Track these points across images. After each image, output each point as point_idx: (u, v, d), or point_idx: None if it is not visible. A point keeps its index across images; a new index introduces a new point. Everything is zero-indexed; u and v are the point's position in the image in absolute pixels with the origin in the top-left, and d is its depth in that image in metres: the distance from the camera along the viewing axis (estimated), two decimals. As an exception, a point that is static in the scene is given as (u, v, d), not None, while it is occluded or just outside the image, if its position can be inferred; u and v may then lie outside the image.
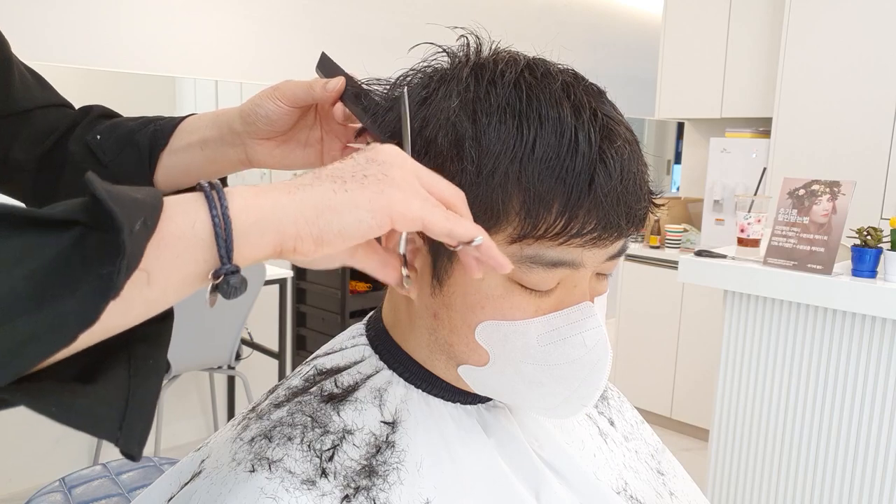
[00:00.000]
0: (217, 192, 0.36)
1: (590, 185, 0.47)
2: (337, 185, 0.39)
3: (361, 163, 0.41)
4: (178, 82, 2.99)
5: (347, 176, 0.39)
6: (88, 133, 0.67)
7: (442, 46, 0.54)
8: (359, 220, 0.38)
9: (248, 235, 0.36)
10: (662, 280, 3.30)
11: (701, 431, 3.15)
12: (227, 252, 0.36)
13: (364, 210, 0.38)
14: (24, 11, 2.50)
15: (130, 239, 0.31)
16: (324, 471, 0.51)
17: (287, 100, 0.58)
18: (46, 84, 0.70)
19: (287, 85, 0.58)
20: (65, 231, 0.32)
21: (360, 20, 3.46)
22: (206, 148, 0.64)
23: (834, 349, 1.82)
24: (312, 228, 0.38)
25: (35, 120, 0.67)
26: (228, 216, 0.36)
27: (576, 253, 0.49)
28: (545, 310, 0.51)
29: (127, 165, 0.65)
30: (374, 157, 0.41)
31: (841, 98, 2.81)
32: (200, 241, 0.35)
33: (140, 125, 0.66)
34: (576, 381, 0.52)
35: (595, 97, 0.50)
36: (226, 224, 0.36)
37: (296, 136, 0.62)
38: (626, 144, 0.49)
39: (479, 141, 0.47)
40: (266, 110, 0.59)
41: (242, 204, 0.37)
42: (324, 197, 0.38)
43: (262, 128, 0.60)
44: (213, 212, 0.36)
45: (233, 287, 0.36)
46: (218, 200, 0.36)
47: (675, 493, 0.71)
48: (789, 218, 1.83)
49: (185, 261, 0.35)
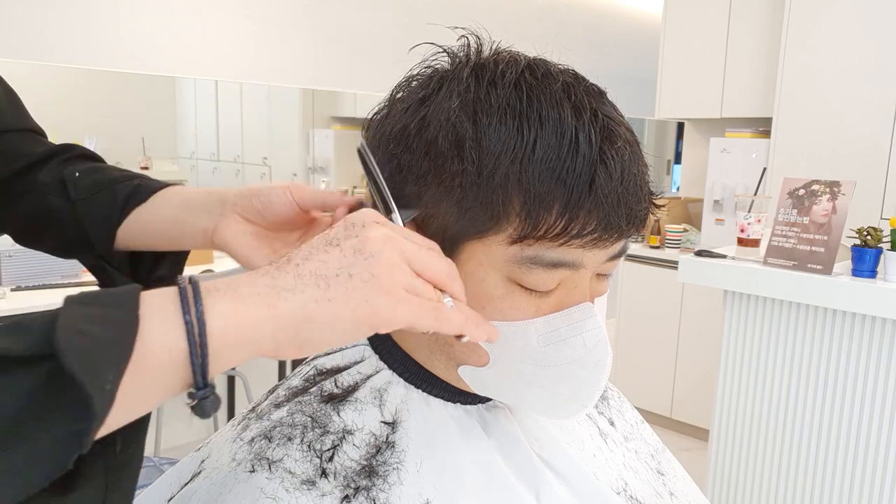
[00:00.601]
0: (196, 307, 0.34)
1: (590, 186, 0.47)
2: (320, 292, 0.37)
3: (348, 255, 0.39)
4: (178, 82, 2.99)
5: (331, 276, 0.38)
6: (65, 167, 0.65)
7: (442, 46, 0.54)
8: (342, 332, 0.38)
9: (224, 356, 0.35)
10: (662, 280, 3.30)
11: (701, 431, 3.15)
12: (203, 379, 0.35)
13: (348, 322, 0.38)
14: (24, 11, 2.50)
15: (101, 401, 0.30)
16: (324, 471, 0.51)
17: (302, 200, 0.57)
18: (20, 106, 0.68)
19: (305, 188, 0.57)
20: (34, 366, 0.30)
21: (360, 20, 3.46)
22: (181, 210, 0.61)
23: (834, 349, 1.82)
24: (293, 342, 0.37)
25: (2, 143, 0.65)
26: (206, 343, 0.34)
27: (576, 254, 0.49)
28: (545, 310, 0.51)
29: (96, 209, 0.63)
30: (362, 248, 0.39)
31: (841, 98, 2.81)
32: (175, 365, 0.34)
33: (125, 177, 0.64)
34: (576, 381, 0.52)
35: (595, 98, 0.50)
36: (203, 352, 0.34)
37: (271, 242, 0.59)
38: (627, 145, 0.49)
39: (480, 142, 0.47)
40: (269, 198, 0.57)
41: (222, 327, 0.35)
42: (305, 309, 0.37)
43: (258, 208, 0.57)
44: (189, 338, 0.34)
45: (205, 411, 0.36)
46: (196, 322, 0.34)
47: (675, 493, 0.71)
48: (789, 218, 1.83)
49: (159, 385, 0.34)
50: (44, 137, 0.69)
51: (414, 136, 0.50)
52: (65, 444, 0.31)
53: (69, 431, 0.30)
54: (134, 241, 0.63)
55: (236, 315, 0.35)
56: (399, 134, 0.50)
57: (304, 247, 0.40)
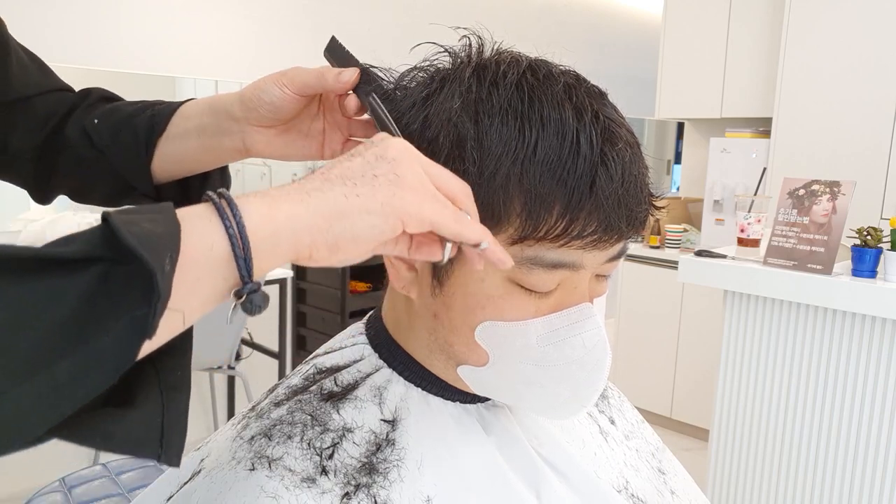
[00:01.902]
0: (230, 207, 0.35)
1: (591, 188, 0.47)
2: (348, 189, 0.38)
3: (371, 160, 0.40)
4: (178, 82, 2.99)
5: (357, 176, 0.39)
6: (86, 117, 0.65)
7: (444, 46, 0.54)
8: (371, 226, 0.38)
9: (264, 250, 0.36)
10: (662, 280, 3.30)
11: (701, 431, 3.15)
12: (248, 271, 0.35)
13: (376, 215, 0.38)
14: (24, 11, 2.50)
15: (162, 279, 0.31)
16: (324, 469, 0.51)
17: (295, 87, 0.56)
18: (46, 69, 0.68)
19: (296, 71, 0.56)
20: (85, 269, 0.31)
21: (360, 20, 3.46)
22: (202, 135, 0.61)
23: (834, 349, 1.82)
24: (327, 236, 0.38)
25: (35, 107, 0.65)
26: (246, 235, 0.35)
27: (576, 255, 0.49)
28: (545, 311, 0.51)
29: (123, 151, 0.63)
30: (384, 154, 0.40)
31: (841, 98, 2.81)
32: (219, 262, 0.35)
33: (138, 110, 0.64)
34: (575, 381, 0.52)
35: (597, 99, 0.50)
36: (244, 244, 0.35)
37: (297, 126, 0.60)
38: (628, 147, 0.49)
39: (481, 142, 0.47)
40: (271, 96, 0.56)
41: (258, 219, 0.36)
42: (336, 203, 0.38)
43: (264, 114, 0.58)
44: (229, 231, 0.35)
45: (256, 305, 0.36)
46: (233, 218, 0.35)
47: (676, 491, 0.71)
48: (789, 218, 1.83)
49: (205, 283, 0.35)
50: (71, 92, 0.69)
51: (415, 135, 0.50)
52: (130, 331, 0.31)
53: (132, 318, 0.31)
54: (173, 172, 0.64)
55: (270, 210, 0.36)
56: (401, 132, 0.51)
57: (329, 162, 0.41)
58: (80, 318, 0.30)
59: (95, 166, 0.65)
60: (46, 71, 0.68)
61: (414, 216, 0.39)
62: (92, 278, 0.31)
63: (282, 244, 0.37)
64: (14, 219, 2.51)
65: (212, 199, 0.36)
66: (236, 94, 0.59)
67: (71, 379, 0.30)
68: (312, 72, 0.56)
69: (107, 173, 0.65)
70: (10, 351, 0.29)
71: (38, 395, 0.29)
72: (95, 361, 0.30)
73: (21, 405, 0.29)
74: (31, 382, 0.29)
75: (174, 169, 0.64)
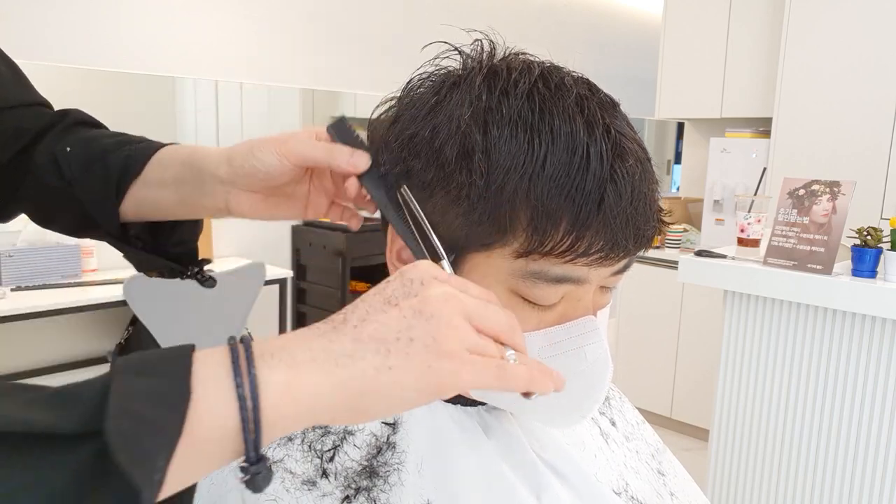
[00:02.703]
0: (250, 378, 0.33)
1: (599, 205, 0.46)
2: (380, 359, 0.35)
3: (408, 317, 0.37)
4: (178, 82, 2.99)
5: (391, 340, 0.36)
6: (59, 143, 0.61)
7: (455, 47, 0.53)
8: (403, 400, 0.36)
9: (276, 428, 0.34)
10: (662, 280, 3.30)
11: (701, 431, 3.15)
12: (256, 453, 0.33)
13: (411, 391, 0.36)
14: (24, 11, 2.50)
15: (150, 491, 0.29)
16: (324, 471, 0.51)
17: (295, 159, 0.52)
18: (23, 79, 0.64)
19: (296, 142, 0.52)
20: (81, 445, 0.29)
21: (360, 20, 3.45)
22: (180, 189, 0.58)
23: (834, 349, 1.82)
24: (351, 412, 0.35)
25: (5, 121, 0.61)
26: (259, 419, 0.32)
27: (581, 271, 0.49)
28: (548, 323, 0.51)
29: (92, 187, 0.59)
30: (422, 310, 0.37)
31: (841, 98, 2.81)
32: (228, 438, 0.32)
33: (115, 144, 0.61)
34: (576, 393, 0.52)
35: (608, 111, 0.49)
36: (256, 427, 0.32)
37: (282, 189, 0.57)
38: (638, 163, 0.49)
39: (489, 154, 0.47)
40: (267, 165, 0.53)
41: (277, 396, 0.33)
42: (365, 378, 0.35)
43: (254, 182, 0.54)
44: (242, 415, 0.32)
45: (259, 486, 0.34)
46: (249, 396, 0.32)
47: (676, 493, 0.71)
48: (789, 218, 1.83)
49: (210, 458, 0.33)
50: (49, 109, 0.65)
51: (423, 143, 0.49)
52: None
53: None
54: (143, 216, 0.61)
55: (291, 388, 0.34)
56: (409, 139, 0.50)
57: (361, 305, 0.38)
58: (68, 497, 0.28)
59: (61, 196, 0.61)
60: (24, 82, 0.64)
61: (453, 387, 0.36)
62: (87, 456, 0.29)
63: (299, 422, 0.34)
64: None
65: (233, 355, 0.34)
66: (223, 155, 0.56)
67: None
68: (319, 147, 0.52)
69: (71, 204, 0.61)
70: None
71: None
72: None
73: None
74: None
75: (145, 214, 0.61)
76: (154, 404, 0.31)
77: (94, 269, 2.67)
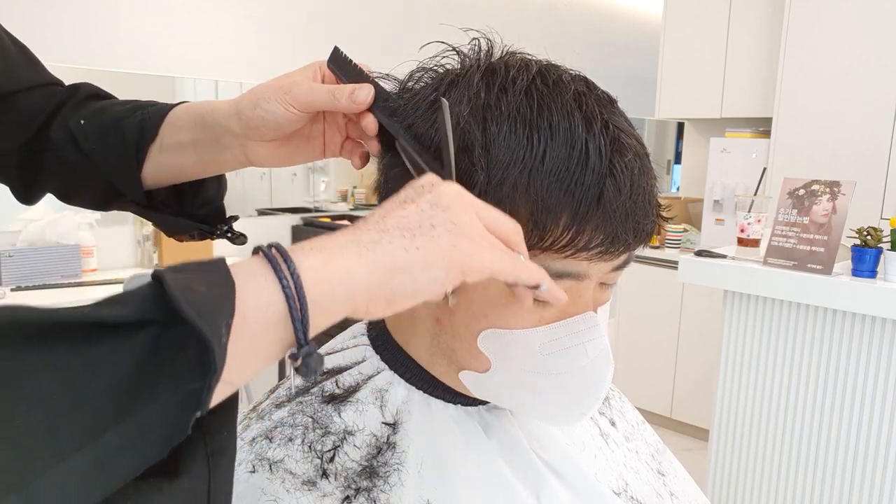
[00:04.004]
0: (287, 264, 0.34)
1: (598, 200, 0.47)
2: (407, 241, 0.37)
3: (426, 209, 0.39)
4: (178, 82, 2.99)
5: (415, 227, 0.38)
6: (72, 117, 0.62)
7: (454, 46, 0.53)
8: (432, 279, 0.37)
9: (320, 309, 0.34)
10: (662, 280, 3.30)
11: (701, 431, 3.15)
12: (304, 334, 0.34)
13: (437, 268, 0.37)
14: (24, 11, 2.50)
15: (220, 352, 0.30)
16: (324, 472, 0.51)
17: (301, 105, 0.53)
18: (34, 60, 0.64)
19: (300, 89, 0.53)
20: (136, 333, 0.29)
21: (360, 20, 3.45)
22: (198, 149, 0.59)
23: (834, 349, 1.82)
24: (385, 291, 0.36)
25: (20, 103, 0.62)
26: (304, 294, 0.33)
27: (582, 265, 0.49)
28: (548, 319, 0.51)
29: (110, 155, 0.60)
30: (438, 202, 0.39)
31: (841, 98, 2.81)
32: (274, 323, 0.33)
33: (127, 111, 0.61)
34: (577, 390, 0.52)
35: (607, 107, 0.50)
36: (301, 304, 0.33)
37: (299, 133, 0.58)
38: (637, 158, 0.49)
39: (489, 150, 0.47)
40: (274, 115, 0.54)
41: (314, 277, 0.34)
42: (395, 257, 0.36)
43: (267, 133, 0.55)
44: (286, 291, 0.33)
45: (312, 370, 0.34)
46: (290, 276, 0.33)
47: (676, 493, 0.71)
48: (789, 218, 1.83)
49: (259, 347, 0.33)
50: (60, 86, 0.66)
51: (423, 138, 0.49)
52: (182, 406, 0.30)
53: (185, 392, 0.29)
54: (167, 180, 0.62)
55: (327, 266, 0.35)
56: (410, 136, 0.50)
57: (378, 210, 0.40)
58: (130, 388, 0.29)
59: (81, 169, 0.62)
60: (34, 62, 0.65)
61: (476, 267, 0.38)
62: (144, 343, 0.29)
63: (338, 302, 0.35)
64: (14, 219, 2.51)
65: (266, 253, 0.34)
66: (231, 108, 0.56)
67: (117, 453, 0.28)
68: (321, 91, 0.53)
69: (94, 177, 0.62)
70: (59, 426, 0.27)
71: (82, 472, 0.27)
72: (144, 434, 0.29)
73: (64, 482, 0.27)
74: (76, 458, 0.27)
75: (168, 178, 0.62)
76: (208, 286, 0.31)
77: (94, 269, 2.66)
